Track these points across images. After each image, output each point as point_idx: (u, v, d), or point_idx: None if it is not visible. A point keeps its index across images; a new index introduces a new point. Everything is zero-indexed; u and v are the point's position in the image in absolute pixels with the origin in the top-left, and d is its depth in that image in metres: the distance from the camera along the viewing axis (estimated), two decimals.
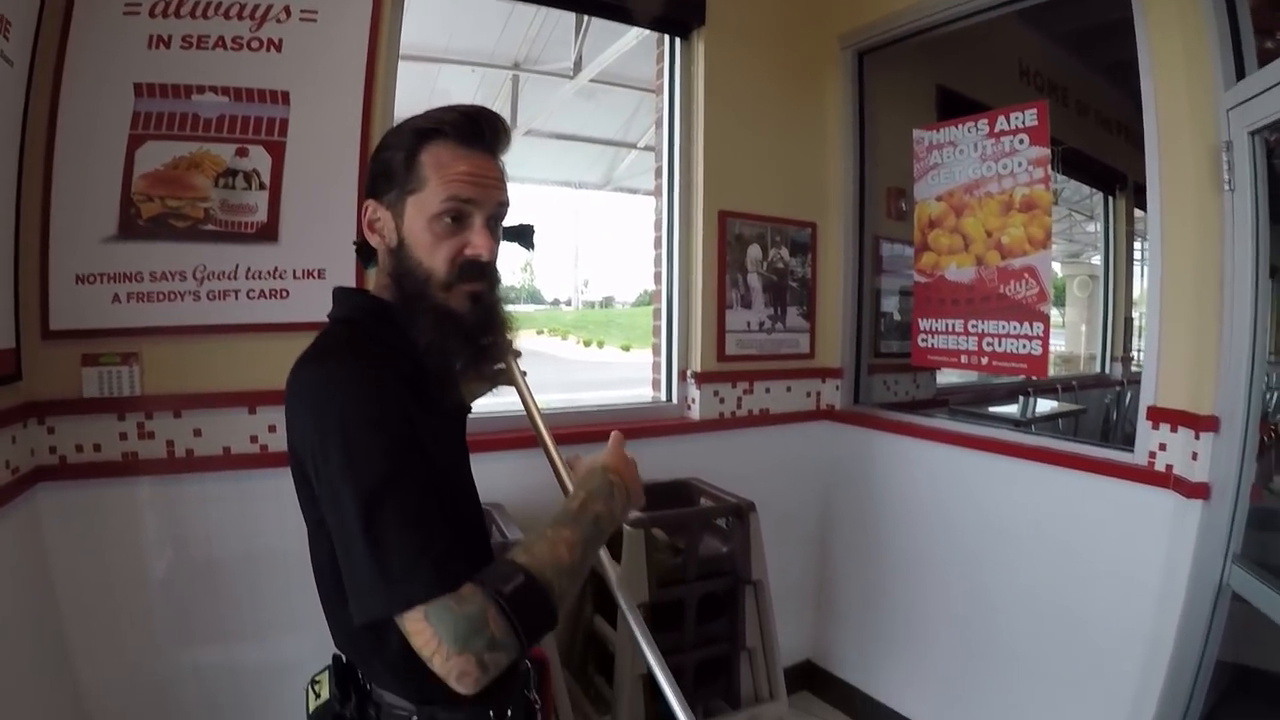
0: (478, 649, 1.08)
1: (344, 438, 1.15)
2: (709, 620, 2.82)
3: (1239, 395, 2.27)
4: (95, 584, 2.43)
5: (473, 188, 1.30)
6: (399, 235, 1.34)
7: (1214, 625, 2.36)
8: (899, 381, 4.07)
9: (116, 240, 2.37)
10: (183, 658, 2.58)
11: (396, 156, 1.32)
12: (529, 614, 1.12)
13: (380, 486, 1.12)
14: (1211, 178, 2.33)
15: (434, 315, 1.31)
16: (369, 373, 1.22)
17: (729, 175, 3.47)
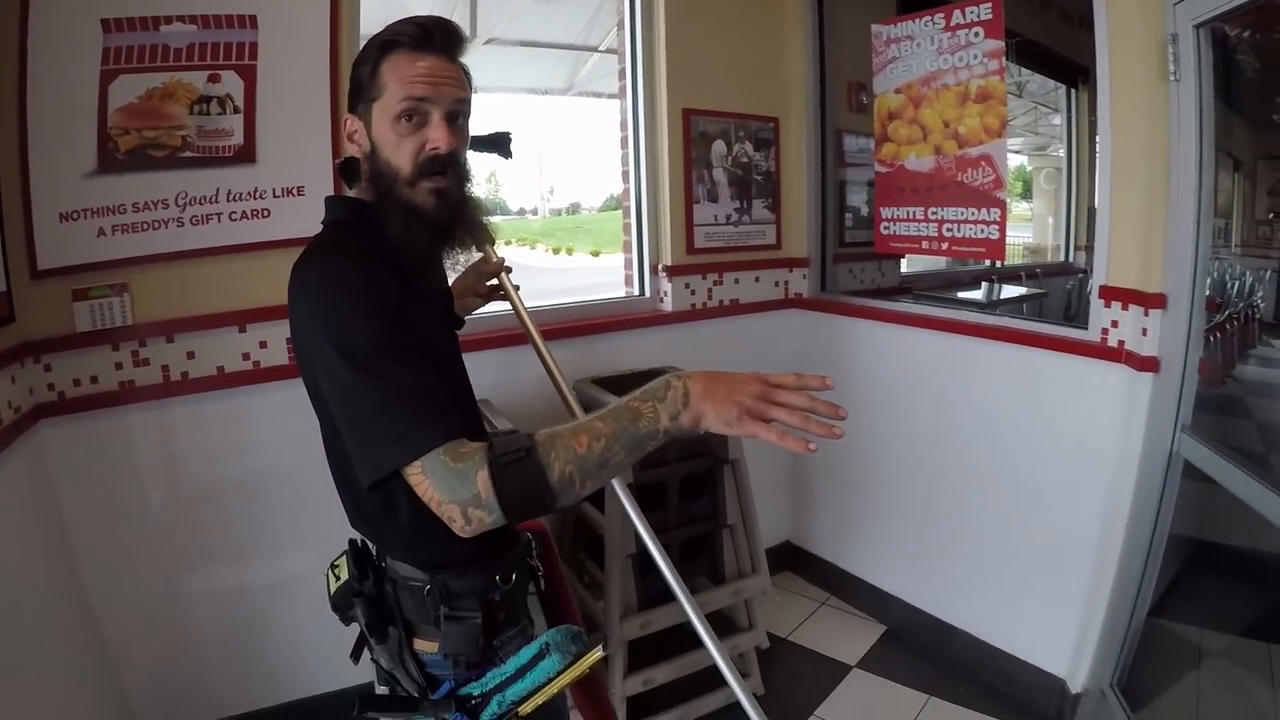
0: (463, 501, 1.18)
1: (337, 320, 1.26)
2: (691, 500, 2.95)
3: (1185, 274, 2.39)
4: (103, 513, 2.53)
5: (427, 87, 1.38)
6: (371, 141, 1.43)
7: (1167, 491, 2.52)
8: (865, 270, 4.19)
9: (97, 175, 2.40)
10: (191, 577, 2.70)
11: (364, 70, 1.42)
12: (517, 486, 1.18)
13: (373, 356, 1.23)
14: (1159, 69, 2.40)
15: (401, 211, 1.41)
16: (352, 263, 1.33)
17: (691, 73, 3.51)
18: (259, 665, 2.84)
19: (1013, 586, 3.13)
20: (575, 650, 1.42)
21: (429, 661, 1.50)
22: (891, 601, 3.66)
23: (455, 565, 1.47)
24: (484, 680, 1.45)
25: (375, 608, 1.51)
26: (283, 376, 2.70)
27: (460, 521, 1.20)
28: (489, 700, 1.42)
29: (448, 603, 1.47)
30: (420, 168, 1.40)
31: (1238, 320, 2.74)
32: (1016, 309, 4.57)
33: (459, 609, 1.47)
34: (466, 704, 1.43)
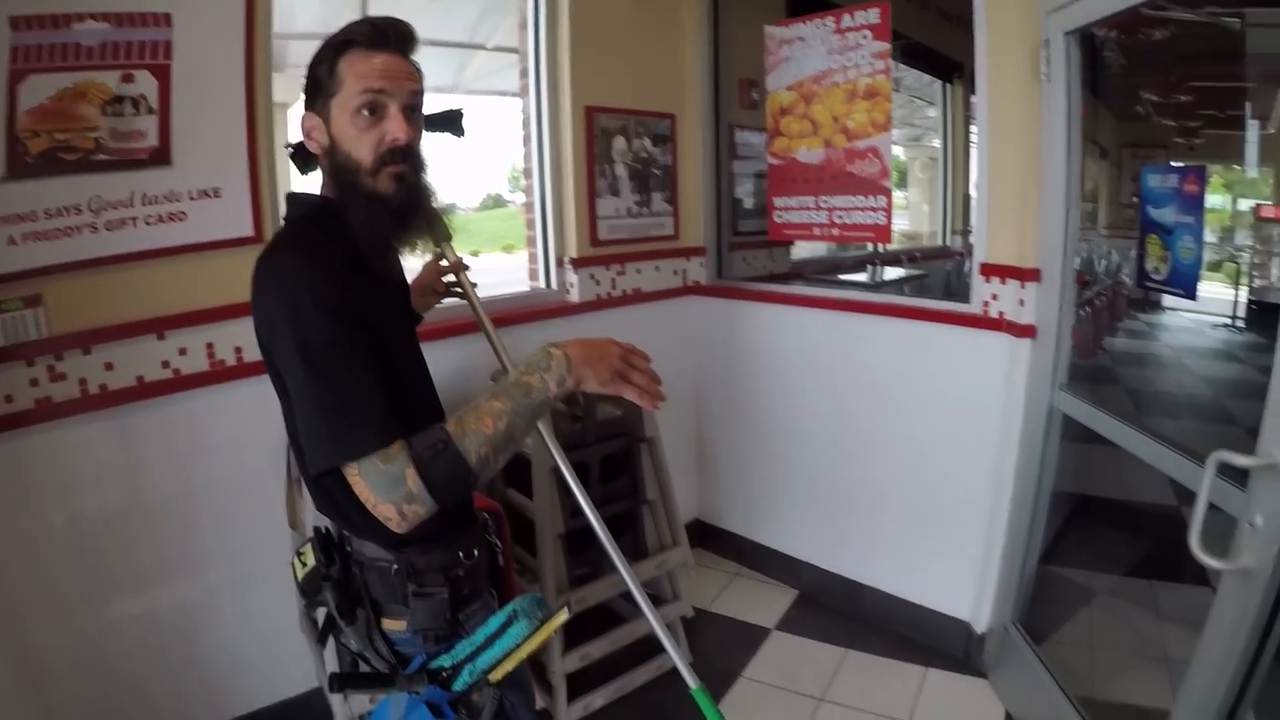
0: (396, 500, 1.30)
1: (294, 318, 1.33)
2: (611, 479, 3.08)
3: (1056, 251, 2.68)
4: (24, 538, 2.40)
5: (383, 79, 1.45)
6: (330, 137, 1.49)
7: (1048, 443, 2.82)
8: (756, 257, 4.40)
9: (6, 181, 2.26)
10: (122, 597, 2.60)
11: (322, 69, 1.48)
12: (442, 476, 1.32)
13: (324, 358, 1.33)
14: (1032, 70, 2.68)
15: (364, 199, 1.48)
16: (312, 261, 1.41)
17: (594, 72, 3.62)
18: (196, 683, 2.77)
19: (915, 542, 3.39)
20: (541, 615, 1.53)
21: (397, 640, 1.58)
22: (802, 567, 3.88)
23: (421, 543, 1.55)
24: (454, 652, 1.54)
25: (344, 590, 1.57)
26: (204, 383, 2.64)
27: (396, 519, 1.32)
28: (460, 671, 1.51)
29: (415, 580, 1.56)
30: (381, 158, 1.48)
31: (1106, 296, 3.05)
32: (900, 290, 4.85)
33: (426, 585, 1.57)
34: (438, 676, 1.52)
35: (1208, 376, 2.87)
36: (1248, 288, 2.63)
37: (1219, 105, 2.63)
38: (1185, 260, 2.34)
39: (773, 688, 3.22)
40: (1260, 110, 2.57)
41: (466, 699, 1.50)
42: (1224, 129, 2.64)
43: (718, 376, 4.14)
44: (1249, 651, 1.78)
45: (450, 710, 1.49)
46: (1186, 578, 2.70)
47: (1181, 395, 2.95)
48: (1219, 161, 2.62)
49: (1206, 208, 2.42)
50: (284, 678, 2.92)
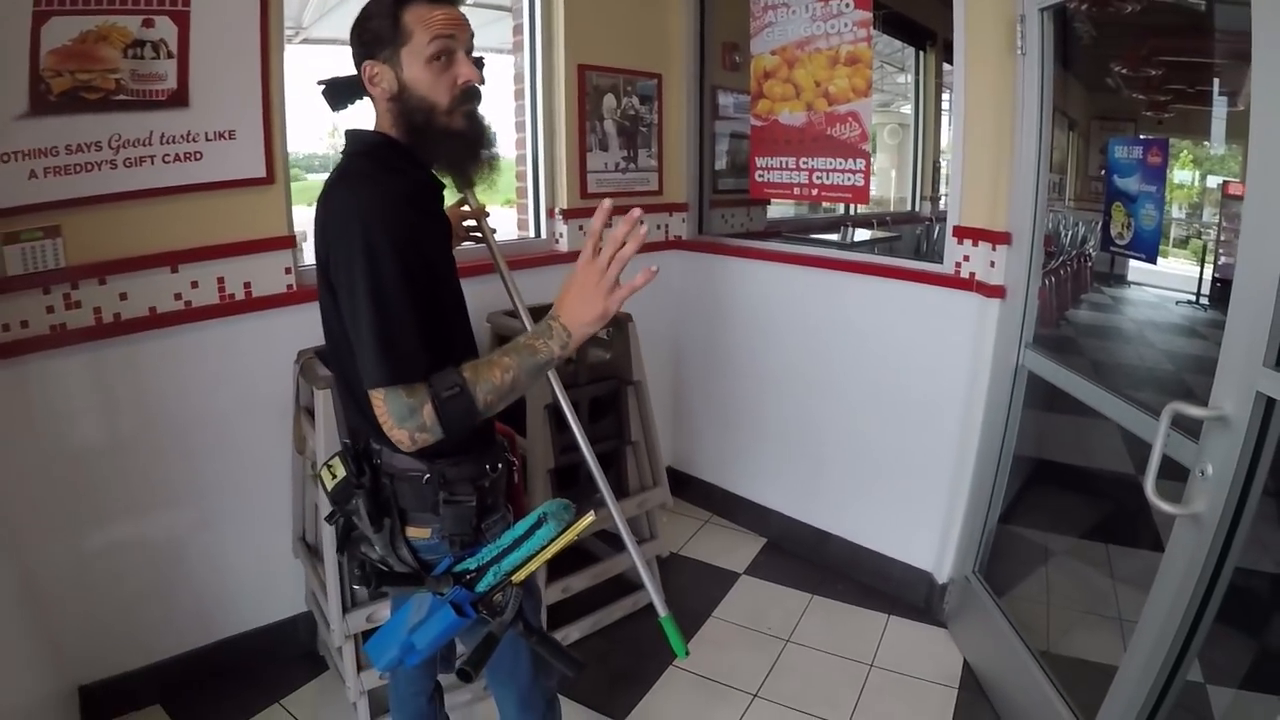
0: (410, 428, 1.49)
1: (366, 248, 1.47)
2: (597, 420, 3.20)
3: (1026, 215, 2.82)
4: (32, 460, 2.53)
5: (449, 27, 1.61)
6: (399, 83, 1.63)
7: (1014, 399, 2.96)
8: (734, 215, 4.53)
9: (29, 117, 2.37)
10: (124, 522, 2.73)
11: (383, 23, 1.61)
12: (453, 414, 1.50)
13: (388, 287, 1.48)
14: (1008, 43, 2.80)
15: (445, 136, 1.65)
16: (385, 195, 1.55)
17: (586, 31, 3.72)
18: (187, 605, 2.90)
19: (882, 494, 3.54)
20: (568, 518, 1.62)
21: (421, 546, 1.74)
22: (772, 516, 4.04)
23: (453, 455, 1.71)
24: (479, 555, 1.66)
25: (374, 499, 1.72)
26: (214, 315, 2.77)
27: (407, 443, 1.51)
28: (485, 572, 1.63)
29: (447, 488, 1.71)
30: (456, 99, 1.63)
31: (1071, 266, 3.17)
32: (871, 250, 5.01)
33: (457, 494, 1.72)
34: (463, 578, 1.64)
35: (1169, 351, 2.96)
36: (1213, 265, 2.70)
37: (1188, 80, 2.71)
38: (1147, 226, 2.46)
39: (741, 627, 3.38)
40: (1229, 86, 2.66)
41: (488, 599, 1.61)
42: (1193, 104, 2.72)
43: (697, 329, 4.28)
44: (1197, 597, 1.90)
45: (471, 610, 1.59)
46: (1142, 543, 2.80)
47: (1143, 368, 3.03)
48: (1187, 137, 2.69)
49: (1175, 183, 2.53)
50: (273, 602, 3.08)
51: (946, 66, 3.78)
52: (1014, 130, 2.84)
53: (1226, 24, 2.39)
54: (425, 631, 1.58)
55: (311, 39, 7.98)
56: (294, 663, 3.10)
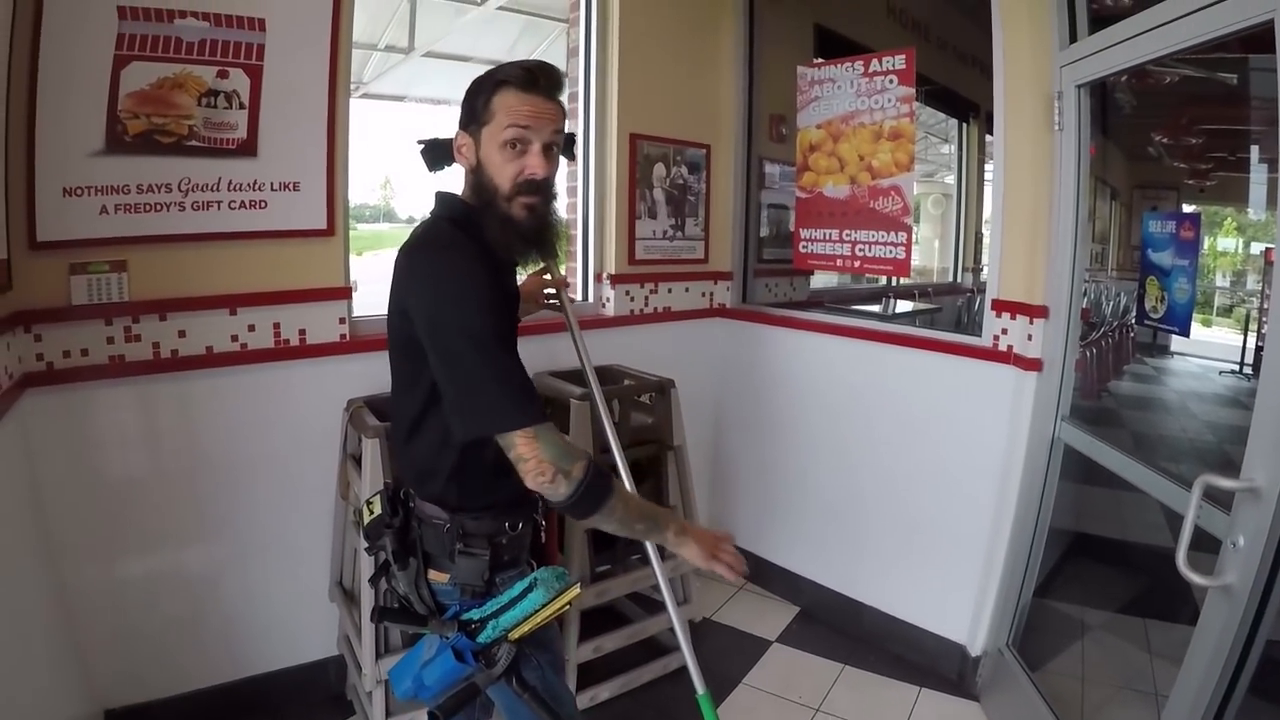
0: (562, 468, 1.59)
1: (466, 313, 1.58)
2: (638, 483, 3.16)
3: (1064, 289, 2.85)
4: (81, 484, 2.59)
5: (529, 119, 1.69)
6: (477, 158, 1.74)
7: (1050, 472, 2.96)
8: (778, 285, 4.59)
9: (104, 155, 2.49)
10: (163, 552, 2.78)
11: (479, 99, 1.73)
12: (591, 493, 1.62)
13: (493, 343, 1.59)
14: (1046, 119, 2.86)
15: (498, 220, 1.73)
16: (473, 259, 1.65)
17: (639, 102, 3.84)
18: (219, 638, 2.92)
19: (917, 565, 3.51)
20: (558, 587, 1.76)
21: (439, 590, 1.81)
22: (805, 584, 4.00)
23: (475, 511, 1.80)
24: (484, 608, 1.76)
25: (401, 539, 1.82)
26: (268, 359, 2.85)
27: (546, 479, 1.59)
28: (486, 625, 1.74)
29: (463, 540, 1.78)
30: (517, 187, 1.71)
31: (1113, 337, 3.18)
32: (912, 322, 4.98)
33: (472, 546, 1.79)
34: (468, 626, 1.75)
35: (1211, 422, 2.94)
36: (1256, 334, 2.67)
37: (1229, 148, 2.73)
38: (1180, 300, 2.49)
39: (771, 695, 3.33)
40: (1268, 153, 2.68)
41: (488, 650, 1.73)
42: (1234, 171, 2.74)
43: (737, 396, 4.31)
44: (1229, 670, 1.90)
45: (472, 658, 1.71)
46: (1179, 617, 2.78)
47: (1184, 439, 3.02)
48: (1229, 204, 2.71)
49: (1218, 251, 2.55)
50: (305, 643, 3.09)
51: (989, 138, 3.85)
52: (1051, 205, 2.89)
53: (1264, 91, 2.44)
54: (431, 670, 1.72)
55: (371, 94, 8.22)
56: (321, 705, 3.10)
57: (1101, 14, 2.73)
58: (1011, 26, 2.98)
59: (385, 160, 15.46)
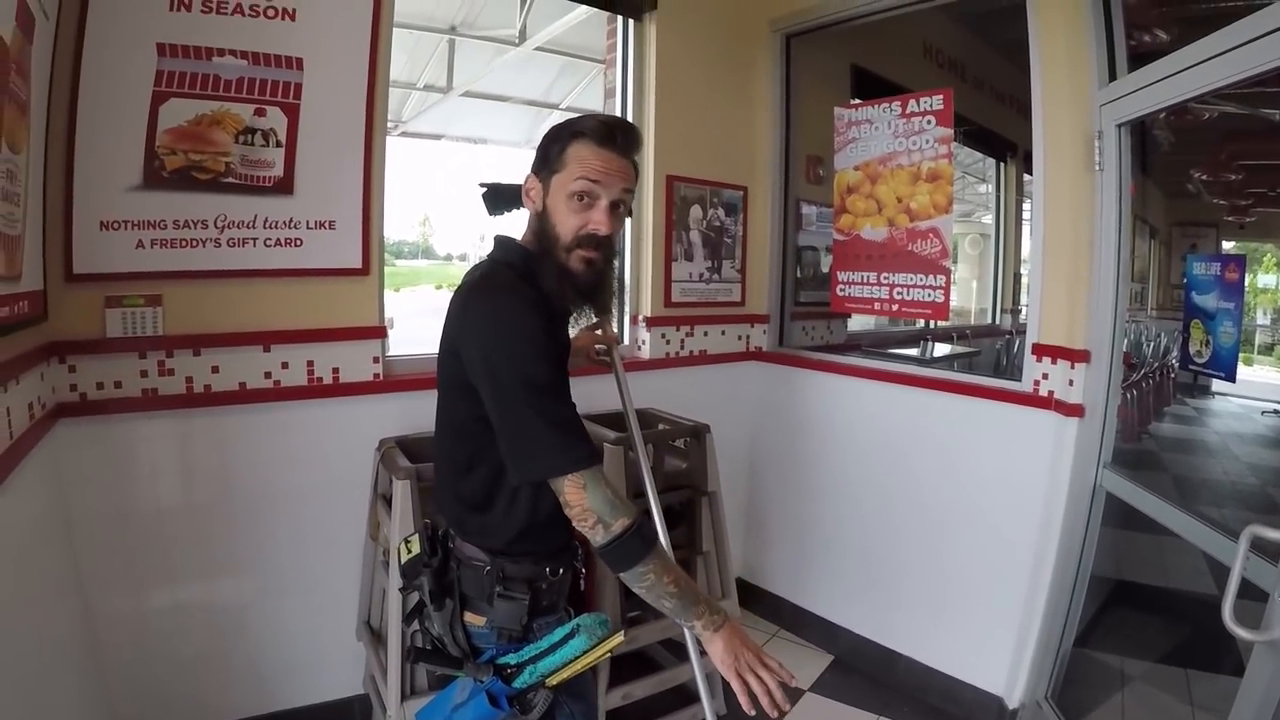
0: (604, 521, 1.59)
1: (520, 357, 1.58)
2: (671, 528, 3.13)
3: (1105, 333, 2.80)
4: (111, 515, 2.59)
5: (600, 174, 1.68)
6: (544, 204, 1.74)
7: (1091, 520, 2.89)
8: (815, 328, 4.53)
9: (141, 190, 2.52)
10: (190, 584, 2.77)
11: (554, 146, 1.73)
12: (628, 549, 1.61)
13: (547, 390, 1.59)
14: (1086, 158, 2.82)
15: (556, 270, 1.71)
16: (531, 306, 1.64)
17: (675, 143, 3.83)
18: (244, 673, 2.90)
19: (954, 614, 3.43)
20: (601, 634, 1.72)
21: (475, 633, 1.78)
22: (839, 632, 3.92)
23: (515, 555, 1.77)
24: (520, 653, 1.73)
25: (439, 579, 1.80)
26: (300, 397, 2.85)
27: (588, 526, 1.60)
28: (522, 669, 1.71)
29: (503, 584, 1.76)
30: (578, 240, 1.70)
31: (1153, 378, 3.12)
32: (951, 366, 4.98)
33: (511, 590, 1.76)
34: (504, 671, 1.72)
35: (1255, 464, 2.89)
36: None
37: (1269, 183, 2.69)
38: (1225, 344, 2.45)
39: None
40: None
41: (523, 696, 1.71)
42: (1274, 207, 2.70)
43: (772, 440, 4.26)
44: None
45: (506, 703, 1.68)
46: (1222, 668, 2.72)
47: (1226, 482, 2.96)
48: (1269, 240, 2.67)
49: (1259, 288, 2.51)
50: (330, 680, 3.06)
51: (1027, 177, 3.81)
52: (1092, 247, 2.85)
53: None
54: (463, 714, 1.70)
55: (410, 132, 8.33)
56: None
57: (1140, 50, 2.73)
58: (1050, 65, 2.95)
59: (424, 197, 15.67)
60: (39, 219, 2.28)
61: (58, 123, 2.38)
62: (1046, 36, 2.96)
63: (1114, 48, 2.76)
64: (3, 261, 1.86)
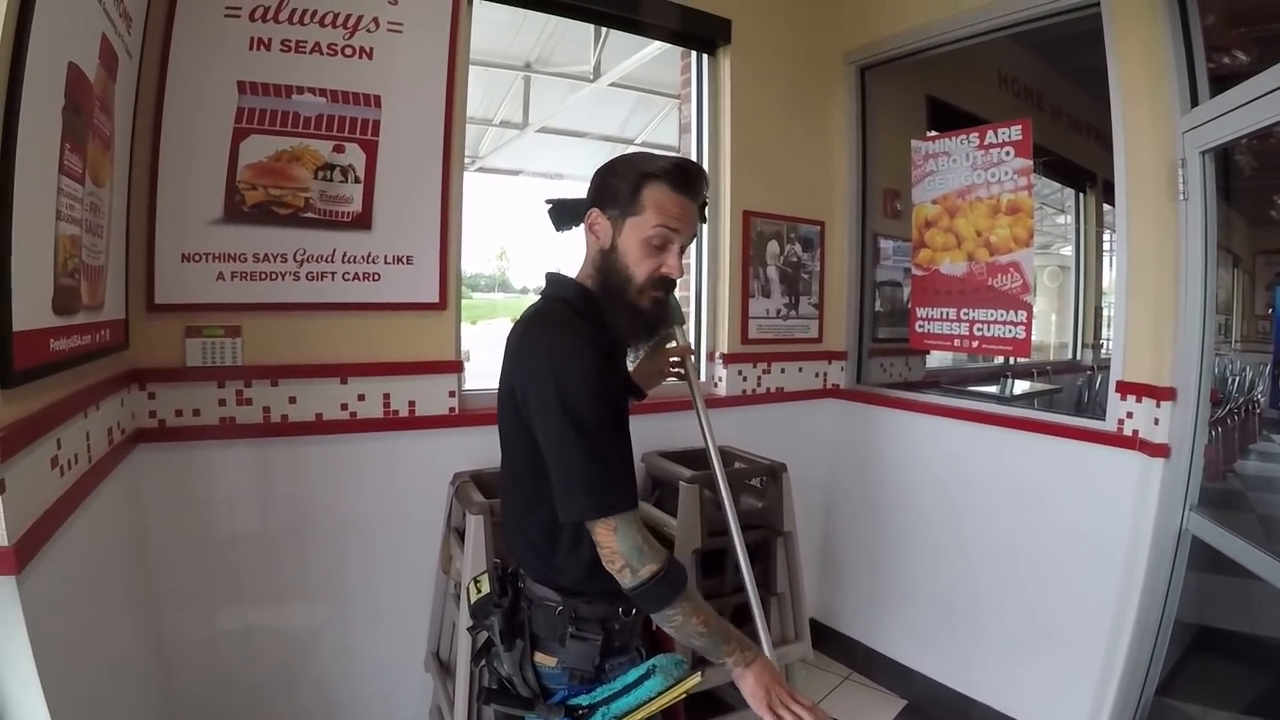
0: (632, 566, 1.59)
1: (570, 394, 1.56)
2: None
3: (1192, 369, 2.69)
4: (186, 538, 2.64)
5: (679, 220, 1.69)
6: (613, 242, 1.73)
7: (1176, 565, 2.78)
8: (893, 364, 4.46)
9: (221, 223, 2.58)
10: (261, 610, 2.79)
11: (624, 186, 1.72)
12: (655, 594, 1.60)
13: (595, 430, 1.56)
14: (1169, 188, 2.74)
15: (628, 310, 1.72)
16: (586, 347, 1.62)
17: (751, 178, 3.82)
18: (311, 700, 2.92)
19: (1032, 659, 3.32)
20: (677, 675, 1.70)
21: (545, 674, 1.76)
22: (914, 676, 3.83)
23: (588, 594, 1.74)
24: (594, 694, 1.70)
25: (509, 619, 1.79)
26: (376, 429, 2.87)
27: (616, 569, 1.60)
28: (595, 710, 1.68)
29: (575, 624, 1.74)
30: (652, 282, 1.71)
31: (1238, 415, 3.02)
32: (1031, 403, 4.80)
33: (584, 630, 1.74)
34: (575, 712, 1.69)
35: None
36: None
37: None
38: None
39: None
40: None
41: None
42: None
43: (849, 479, 4.20)
44: None
45: None
46: None
47: None
48: None
49: None
50: (396, 711, 3.06)
51: (1107, 207, 3.73)
52: (1177, 280, 2.76)
53: None
54: None
55: (487, 168, 8.44)
56: None
57: (1220, 74, 2.65)
58: (1130, 93, 2.88)
59: (501, 231, 15.89)
60: (122, 250, 2.35)
61: (141, 157, 2.45)
62: (1125, 63, 2.90)
63: (1195, 72, 2.69)
64: (86, 291, 1.91)
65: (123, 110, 2.22)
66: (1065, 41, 3.61)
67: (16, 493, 1.46)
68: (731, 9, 3.72)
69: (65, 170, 1.71)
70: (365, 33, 2.76)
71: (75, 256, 1.81)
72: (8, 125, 1.41)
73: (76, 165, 1.78)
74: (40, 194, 1.59)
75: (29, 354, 1.55)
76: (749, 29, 3.78)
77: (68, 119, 1.69)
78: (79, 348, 1.88)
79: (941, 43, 3.61)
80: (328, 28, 2.71)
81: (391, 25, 2.81)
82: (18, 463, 1.48)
